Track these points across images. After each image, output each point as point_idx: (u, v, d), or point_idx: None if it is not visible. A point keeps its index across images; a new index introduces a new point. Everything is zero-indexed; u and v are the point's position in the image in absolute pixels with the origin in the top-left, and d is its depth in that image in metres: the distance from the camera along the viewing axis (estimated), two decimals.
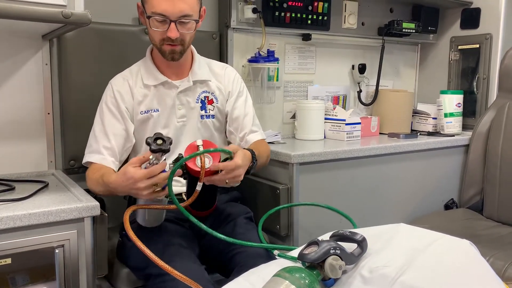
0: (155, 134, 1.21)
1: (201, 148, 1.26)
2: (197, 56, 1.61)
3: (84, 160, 1.50)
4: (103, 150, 1.46)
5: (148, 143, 1.19)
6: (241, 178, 1.33)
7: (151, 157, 1.21)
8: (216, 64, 1.67)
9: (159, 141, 1.19)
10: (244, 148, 1.40)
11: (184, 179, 1.33)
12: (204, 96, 1.58)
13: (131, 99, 1.52)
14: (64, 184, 1.51)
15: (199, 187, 1.26)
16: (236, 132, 1.63)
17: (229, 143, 1.70)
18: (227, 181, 1.29)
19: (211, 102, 1.59)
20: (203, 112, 1.58)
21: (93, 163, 1.47)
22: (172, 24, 1.39)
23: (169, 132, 1.54)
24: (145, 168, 1.21)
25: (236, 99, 1.63)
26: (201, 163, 1.24)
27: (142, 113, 1.52)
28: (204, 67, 1.60)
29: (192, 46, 1.58)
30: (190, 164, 1.25)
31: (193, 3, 1.41)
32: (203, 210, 1.47)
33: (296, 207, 1.76)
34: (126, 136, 1.51)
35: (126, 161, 1.55)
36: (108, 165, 1.45)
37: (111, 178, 1.29)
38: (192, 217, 1.24)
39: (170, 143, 1.20)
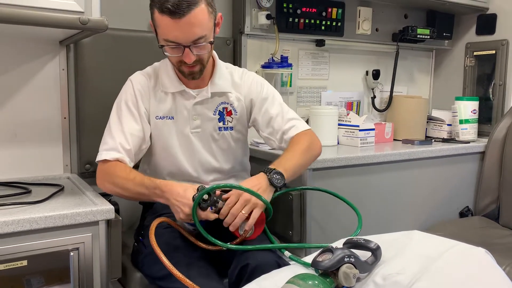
0: (198, 190, 1.23)
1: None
2: (218, 64, 1.52)
3: (100, 158, 1.40)
4: (121, 149, 1.40)
5: (200, 206, 1.22)
6: (252, 202, 1.26)
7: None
8: (237, 73, 1.57)
9: (205, 196, 1.22)
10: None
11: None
12: (223, 108, 1.53)
13: (149, 99, 1.48)
14: (79, 187, 1.52)
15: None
16: (272, 136, 1.56)
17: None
18: (243, 211, 1.25)
19: (229, 113, 1.54)
20: (221, 124, 1.53)
21: (113, 161, 1.39)
22: (186, 49, 1.31)
23: (182, 141, 1.50)
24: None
25: (261, 105, 1.55)
26: (243, 233, 1.27)
27: (157, 118, 1.48)
28: (225, 77, 1.53)
29: (214, 52, 1.50)
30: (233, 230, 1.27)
31: (205, 22, 1.30)
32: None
33: (309, 212, 1.75)
34: (142, 137, 1.46)
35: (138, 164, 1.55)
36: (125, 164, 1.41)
37: (169, 183, 1.31)
38: (217, 241, 1.25)
39: (214, 192, 1.23)
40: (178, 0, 1.24)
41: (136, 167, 1.52)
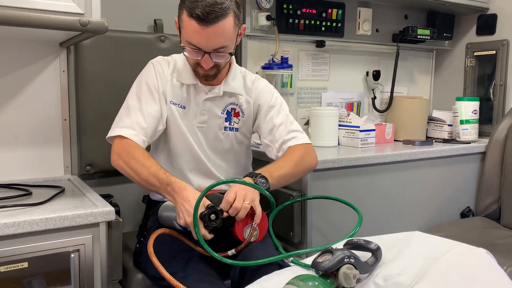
0: (208, 208, 1.22)
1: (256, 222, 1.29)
2: (234, 65, 1.55)
3: (113, 133, 1.40)
4: (137, 127, 1.40)
5: (205, 224, 1.22)
6: (250, 195, 1.28)
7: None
8: (249, 77, 1.60)
9: (213, 216, 1.23)
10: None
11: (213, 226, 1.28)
12: (231, 108, 1.54)
13: (167, 83, 1.49)
14: (80, 189, 1.52)
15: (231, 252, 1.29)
16: (272, 144, 1.57)
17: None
18: (246, 201, 1.27)
19: (237, 115, 1.55)
20: (227, 124, 1.54)
21: (130, 139, 1.38)
22: (206, 55, 1.34)
23: (187, 134, 1.51)
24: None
25: (267, 112, 1.57)
26: (248, 237, 1.28)
27: (171, 103, 1.49)
28: (238, 79, 1.55)
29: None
30: (238, 232, 1.28)
31: (230, 33, 1.33)
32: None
33: (310, 213, 1.75)
34: (159, 118, 1.45)
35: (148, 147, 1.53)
36: (139, 143, 1.39)
37: (182, 184, 1.31)
38: (215, 253, 1.24)
39: (221, 213, 1.24)
40: (209, 8, 1.26)
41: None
